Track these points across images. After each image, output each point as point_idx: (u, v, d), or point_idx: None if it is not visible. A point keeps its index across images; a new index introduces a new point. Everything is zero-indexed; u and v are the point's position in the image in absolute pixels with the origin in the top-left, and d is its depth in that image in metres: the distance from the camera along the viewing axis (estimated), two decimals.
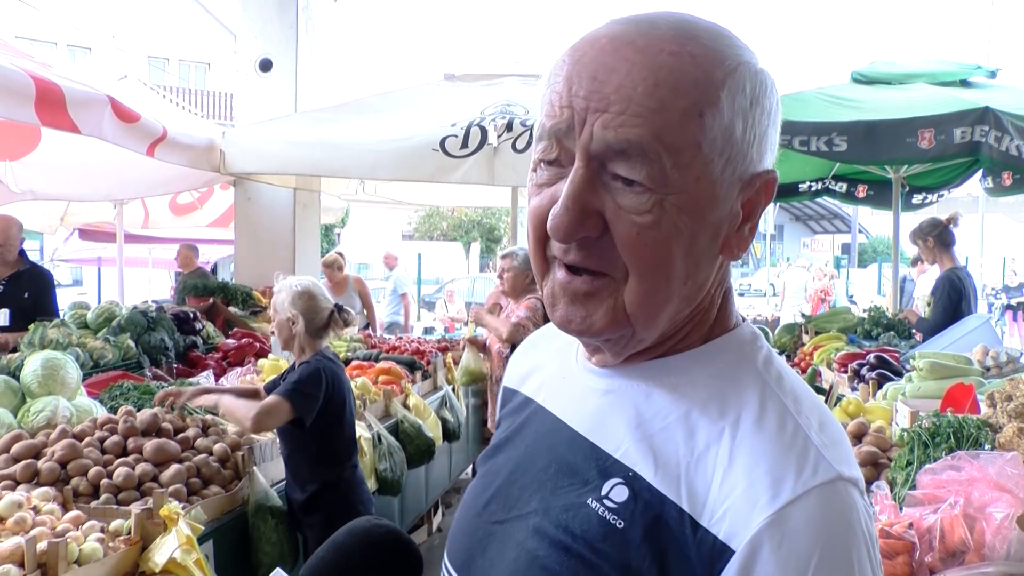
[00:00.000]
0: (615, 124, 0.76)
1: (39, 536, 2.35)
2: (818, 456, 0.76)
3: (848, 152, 4.95)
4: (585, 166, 0.78)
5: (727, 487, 0.75)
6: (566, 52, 0.82)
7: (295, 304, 3.28)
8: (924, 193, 7.71)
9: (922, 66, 6.42)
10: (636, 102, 0.76)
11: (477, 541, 0.93)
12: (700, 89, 0.77)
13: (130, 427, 3.12)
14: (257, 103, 7.04)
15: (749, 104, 0.79)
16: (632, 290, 0.79)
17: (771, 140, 0.83)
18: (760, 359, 0.86)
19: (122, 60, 25.33)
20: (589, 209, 0.78)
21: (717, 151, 0.78)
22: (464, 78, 7.30)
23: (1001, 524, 1.92)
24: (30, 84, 3.78)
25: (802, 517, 0.72)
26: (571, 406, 0.92)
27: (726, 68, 0.78)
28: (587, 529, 0.81)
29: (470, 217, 29.80)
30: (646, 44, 0.77)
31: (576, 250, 0.80)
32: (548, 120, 0.80)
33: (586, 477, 0.84)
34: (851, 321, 6.19)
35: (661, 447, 0.81)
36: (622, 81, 0.76)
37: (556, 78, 0.81)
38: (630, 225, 0.77)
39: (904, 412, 3.14)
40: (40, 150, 6.20)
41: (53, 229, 9.92)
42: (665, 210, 0.77)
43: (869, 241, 35.80)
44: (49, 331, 4.31)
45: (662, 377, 0.85)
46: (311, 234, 7.46)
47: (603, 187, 0.78)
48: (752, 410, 0.80)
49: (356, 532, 2.06)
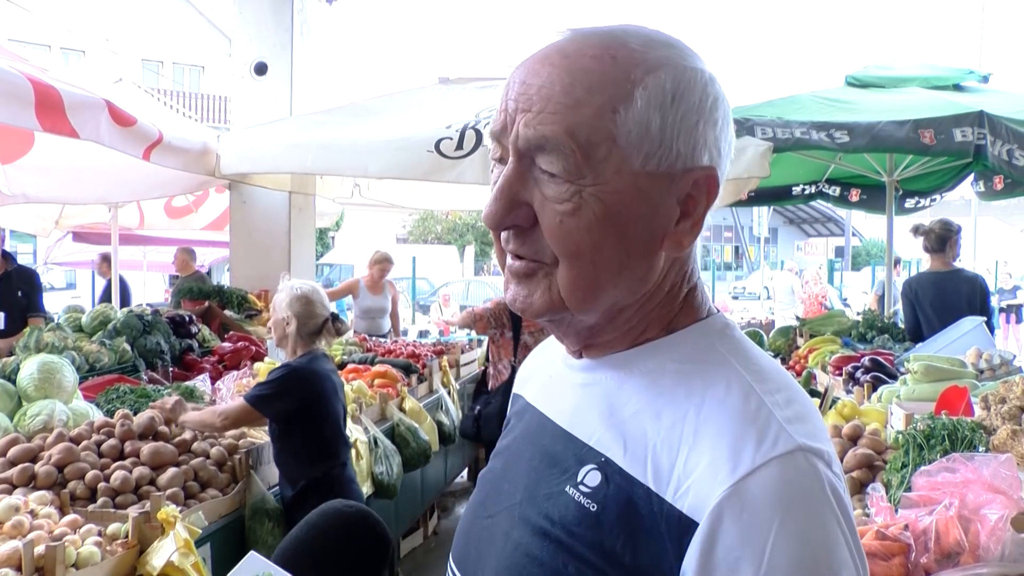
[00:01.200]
0: (534, 122, 0.82)
1: (36, 540, 2.34)
2: (780, 429, 0.78)
3: (851, 143, 4.94)
4: (516, 161, 0.85)
5: (692, 463, 0.78)
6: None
7: (291, 306, 3.38)
8: (917, 197, 7.73)
9: (916, 70, 6.46)
10: (553, 101, 0.82)
11: (474, 537, 0.98)
12: (616, 86, 0.81)
13: (127, 430, 3.12)
14: (252, 107, 7.04)
15: (670, 100, 0.82)
16: (561, 275, 0.84)
17: (705, 137, 0.85)
18: (727, 344, 0.89)
19: (116, 63, 25.28)
20: (518, 200, 0.85)
21: (634, 145, 0.82)
22: (459, 81, 7.31)
23: (996, 525, 1.93)
24: (29, 89, 3.78)
25: (760, 486, 0.74)
26: (555, 402, 0.97)
27: (647, 67, 0.83)
28: (564, 514, 0.85)
29: (464, 220, 29.84)
30: (573, 51, 0.84)
31: (513, 239, 0.87)
32: (493, 124, 0.88)
33: (565, 466, 0.89)
34: (845, 324, 6.21)
35: (631, 432, 0.85)
36: (543, 83, 0.83)
37: (504, 89, 0.88)
38: (553, 214, 0.83)
39: (899, 415, 3.15)
40: (34, 153, 6.18)
41: (47, 232, 9.88)
42: (584, 199, 0.82)
43: (863, 244, 35.92)
44: (45, 334, 4.30)
45: (631, 367, 0.89)
46: (306, 237, 7.46)
47: (532, 180, 0.84)
48: (717, 389, 0.83)
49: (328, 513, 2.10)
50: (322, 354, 3.47)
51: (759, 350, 0.90)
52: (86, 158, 6.04)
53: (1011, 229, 25.84)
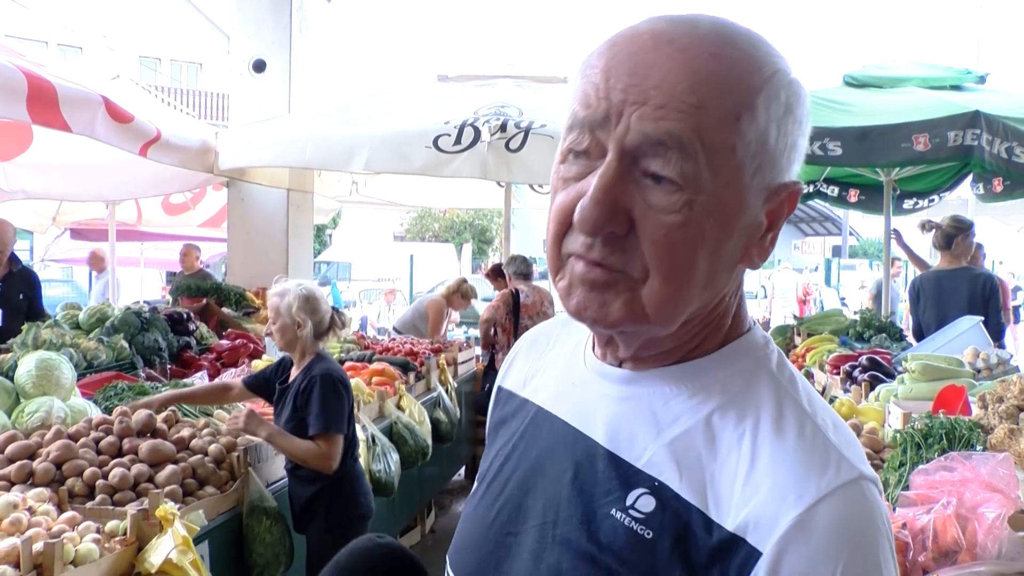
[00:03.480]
0: (654, 116, 0.75)
1: (35, 537, 2.34)
2: (839, 456, 0.76)
3: (843, 157, 4.97)
4: (618, 159, 0.77)
5: (750, 490, 0.76)
6: (603, 45, 0.81)
7: (303, 309, 3.33)
8: (915, 198, 7.75)
9: (913, 70, 6.46)
10: (677, 98, 0.75)
11: (488, 554, 0.91)
12: (739, 93, 0.76)
13: (125, 427, 3.12)
14: (251, 104, 7.03)
15: (783, 112, 0.79)
16: (653, 289, 0.78)
17: (800, 151, 0.83)
18: (773, 362, 0.86)
19: (113, 60, 25.22)
20: (619, 204, 0.76)
21: (750, 157, 0.77)
22: (458, 79, 7.32)
23: (993, 524, 1.94)
24: (22, 80, 3.77)
25: (828, 517, 0.73)
26: (585, 413, 0.90)
27: (763, 75, 0.78)
28: (613, 540, 0.80)
29: (462, 218, 29.82)
30: (688, 43, 0.77)
31: (600, 246, 0.78)
32: (582, 110, 0.79)
33: (607, 487, 0.83)
34: (843, 323, 6.22)
35: (684, 454, 0.80)
36: (663, 77, 0.75)
37: (592, 70, 0.79)
38: (658, 224, 0.76)
39: (897, 413, 3.16)
40: (33, 150, 6.19)
41: (44, 228, 9.88)
42: (694, 212, 0.76)
43: (860, 243, 35.95)
44: (43, 331, 4.30)
45: (679, 383, 0.85)
46: (304, 235, 7.45)
47: (633, 183, 0.77)
48: (770, 413, 0.80)
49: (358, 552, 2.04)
50: (327, 352, 3.46)
51: (793, 366, 0.88)
52: (85, 155, 6.05)
53: (1008, 229, 25.86)
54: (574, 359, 0.96)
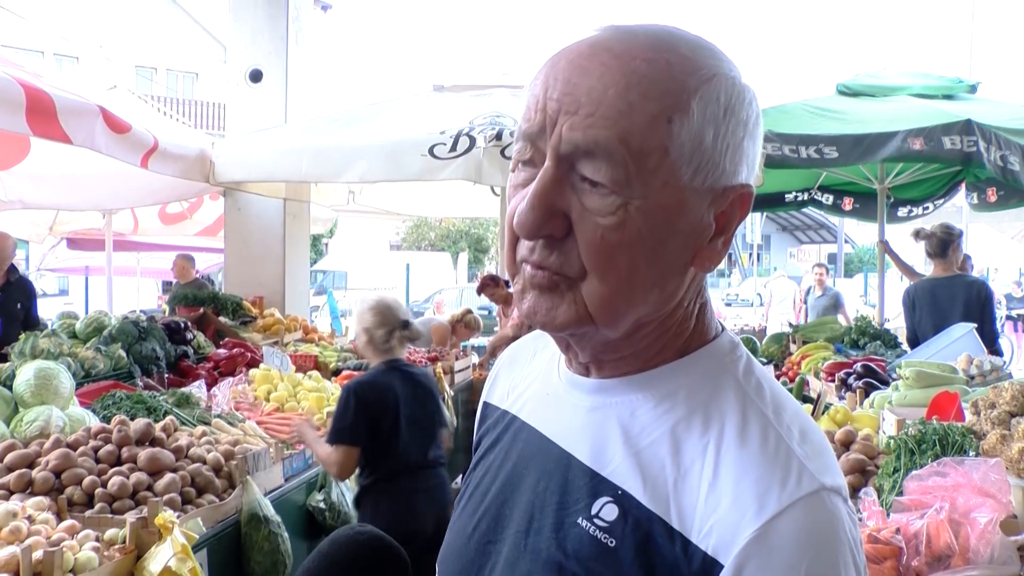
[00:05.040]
0: (583, 125, 0.76)
1: (34, 545, 2.35)
2: (801, 467, 0.77)
3: (840, 159, 5.00)
4: (555, 166, 0.79)
5: (712, 501, 0.77)
6: (547, 60, 0.83)
7: (362, 319, 3.45)
8: (909, 206, 7.79)
9: (906, 79, 6.52)
10: (606, 104, 0.76)
11: (469, 562, 0.93)
12: (671, 95, 0.77)
13: (124, 436, 3.13)
14: (248, 114, 7.06)
15: (722, 113, 0.80)
16: (592, 289, 0.79)
17: (747, 153, 0.83)
18: (740, 370, 0.86)
19: (110, 70, 25.27)
20: (555, 208, 0.79)
21: (685, 158, 0.78)
22: (453, 89, 7.36)
23: (985, 528, 1.96)
24: (20, 92, 3.78)
25: (788, 529, 0.74)
26: (557, 423, 0.92)
27: (701, 76, 0.79)
28: (579, 548, 0.82)
29: (458, 227, 29.83)
30: (623, 50, 0.78)
31: (540, 249, 0.81)
32: (524, 123, 0.82)
33: (576, 496, 0.85)
34: (838, 331, 6.25)
35: (648, 464, 0.81)
36: (593, 84, 0.77)
37: (535, 83, 0.82)
38: (594, 227, 0.78)
39: (891, 420, 3.18)
40: (30, 160, 6.20)
41: (41, 238, 9.89)
42: (629, 214, 0.77)
43: (855, 251, 36.03)
44: (40, 341, 4.30)
45: (644, 391, 0.86)
46: (301, 244, 7.47)
47: (571, 188, 0.79)
48: (734, 423, 0.81)
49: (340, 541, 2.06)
50: (391, 361, 3.45)
51: (764, 370, 0.89)
52: (82, 165, 6.06)
53: (1002, 236, 25.96)
54: (549, 371, 0.98)
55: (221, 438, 3.55)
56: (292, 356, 5.59)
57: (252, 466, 3.39)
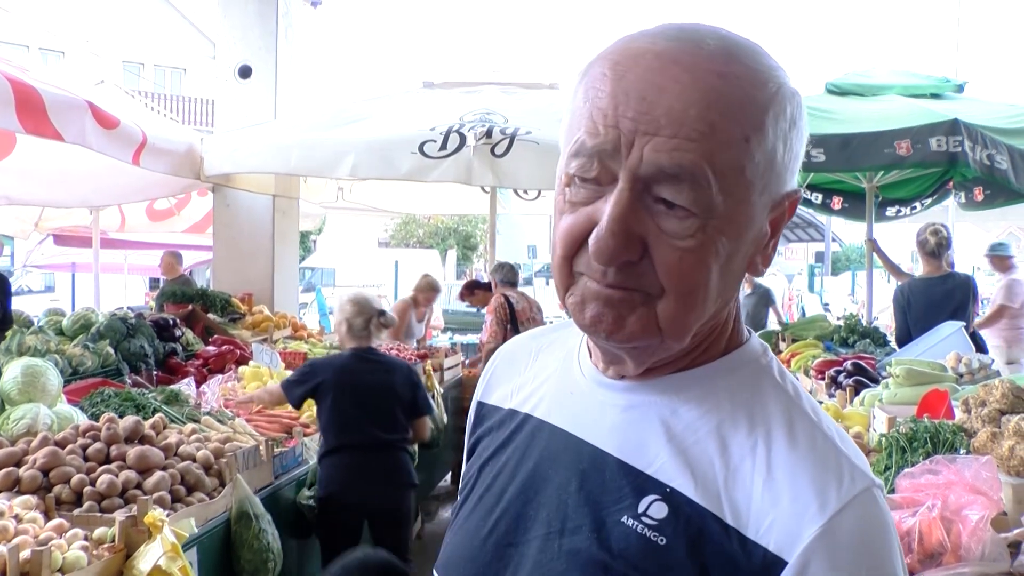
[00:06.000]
0: (667, 148, 0.74)
1: (22, 544, 2.33)
2: (851, 466, 0.79)
3: (827, 163, 5.02)
4: (630, 188, 0.76)
5: (769, 499, 0.77)
6: (605, 65, 0.79)
7: (342, 310, 3.97)
8: (897, 205, 7.82)
9: (894, 78, 6.55)
10: (688, 126, 0.74)
11: (486, 565, 0.90)
12: (746, 113, 0.76)
13: (113, 434, 3.11)
14: (237, 110, 7.02)
15: (789, 127, 0.80)
16: (669, 308, 0.78)
17: (801, 159, 0.84)
18: (775, 371, 0.88)
19: (96, 65, 25.07)
20: (633, 233, 0.76)
21: (759, 175, 0.78)
22: (443, 85, 7.33)
23: (976, 526, 1.97)
24: (8, 88, 3.74)
25: (850, 526, 0.75)
26: (587, 422, 0.90)
27: (768, 90, 0.78)
28: (626, 547, 0.81)
29: (446, 224, 29.79)
30: (693, 63, 0.76)
31: (616, 272, 0.78)
32: (591, 139, 0.78)
33: (618, 495, 0.83)
34: (827, 329, 6.28)
35: (696, 461, 0.81)
36: (672, 103, 0.74)
37: (598, 93, 0.78)
38: (672, 249, 0.76)
39: (881, 418, 3.20)
40: (15, 155, 6.13)
41: (27, 234, 9.79)
42: (707, 234, 0.76)
43: (843, 249, 36.19)
44: (27, 337, 4.27)
45: (685, 391, 0.85)
46: (290, 241, 7.44)
47: (645, 210, 0.77)
48: (781, 423, 0.82)
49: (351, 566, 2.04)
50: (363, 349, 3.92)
51: (790, 373, 0.90)
52: (69, 161, 6.00)
53: (988, 235, 26.14)
54: (567, 369, 0.96)
55: (211, 435, 3.53)
56: (281, 353, 5.56)
57: (242, 464, 3.38)
